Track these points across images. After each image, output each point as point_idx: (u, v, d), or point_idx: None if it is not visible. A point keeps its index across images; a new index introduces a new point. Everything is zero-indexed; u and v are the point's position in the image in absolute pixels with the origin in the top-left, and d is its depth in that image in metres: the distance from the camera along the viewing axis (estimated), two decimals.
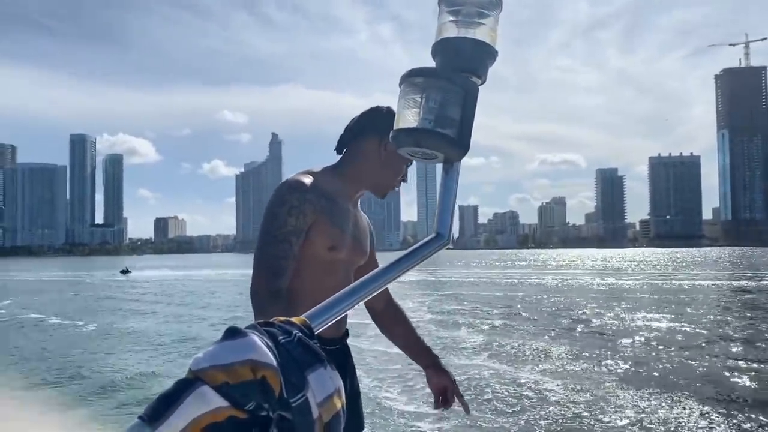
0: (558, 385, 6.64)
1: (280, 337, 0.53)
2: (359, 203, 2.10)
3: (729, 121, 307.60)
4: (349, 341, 1.99)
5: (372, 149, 1.89)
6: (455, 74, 0.90)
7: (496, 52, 0.93)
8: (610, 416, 5.44)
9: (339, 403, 0.53)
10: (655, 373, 7.14)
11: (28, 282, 36.85)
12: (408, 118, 0.90)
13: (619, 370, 7.36)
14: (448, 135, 0.87)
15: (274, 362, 0.50)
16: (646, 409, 5.66)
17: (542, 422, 5.30)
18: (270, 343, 0.51)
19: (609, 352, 8.52)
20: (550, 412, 5.61)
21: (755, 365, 7.74)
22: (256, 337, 0.51)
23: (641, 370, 7.32)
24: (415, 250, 0.84)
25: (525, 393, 6.27)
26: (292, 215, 1.74)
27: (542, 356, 8.33)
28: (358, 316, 2.13)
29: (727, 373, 7.25)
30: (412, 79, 0.91)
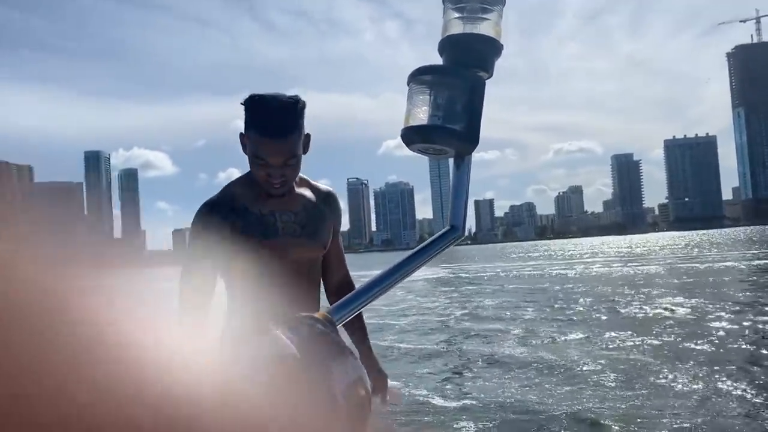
0: (608, 371, 6.24)
1: (303, 331, 0.54)
2: (305, 188, 1.97)
3: (744, 98, 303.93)
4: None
5: (243, 143, 1.84)
6: (462, 70, 0.90)
7: (502, 45, 0.94)
8: (670, 400, 5.05)
9: (362, 390, 0.56)
10: (702, 356, 6.73)
11: None
12: (417, 116, 0.90)
13: (667, 355, 6.95)
14: (457, 130, 0.88)
15: (298, 355, 0.51)
16: (702, 392, 5.26)
17: (596, 406, 4.92)
18: (294, 337, 0.53)
19: (652, 337, 8.11)
20: (603, 398, 5.23)
21: None
22: (280, 332, 0.53)
23: (688, 354, 6.91)
24: (430, 243, 0.84)
25: (572, 379, 5.90)
26: (197, 238, 1.83)
27: (584, 344, 7.93)
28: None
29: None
30: (420, 77, 0.91)
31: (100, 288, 0.26)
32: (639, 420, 4.81)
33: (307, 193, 1.94)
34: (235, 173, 2.03)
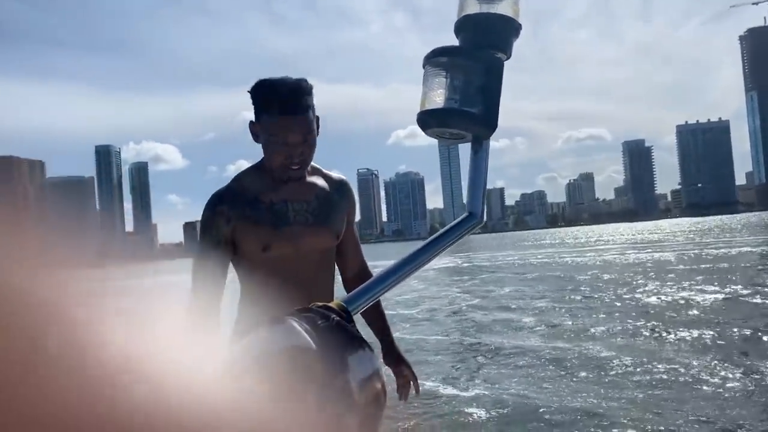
0: (626, 359, 6.20)
1: (319, 322, 0.54)
2: (317, 177, 1.93)
3: (757, 81, 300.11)
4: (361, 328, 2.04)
5: (254, 131, 1.83)
6: (479, 51, 0.88)
7: (520, 25, 0.91)
8: (687, 389, 5.01)
9: (379, 384, 0.55)
10: (722, 341, 6.67)
11: None
12: (433, 99, 0.88)
13: (686, 342, 6.89)
14: (475, 113, 0.86)
15: (314, 346, 0.51)
16: (725, 377, 5.21)
17: (611, 395, 4.89)
18: (309, 328, 0.52)
19: (669, 325, 8.05)
20: (619, 386, 5.19)
21: None
22: (295, 323, 0.52)
23: (708, 340, 6.85)
24: (448, 230, 0.83)
25: (586, 367, 5.86)
26: (206, 231, 1.80)
27: (601, 333, 7.88)
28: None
29: None
30: (436, 59, 0.89)
31: (108, 287, 0.26)
32: (656, 410, 4.77)
33: (319, 181, 1.91)
34: (245, 165, 2.00)
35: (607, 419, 4.60)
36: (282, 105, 1.74)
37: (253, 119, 1.81)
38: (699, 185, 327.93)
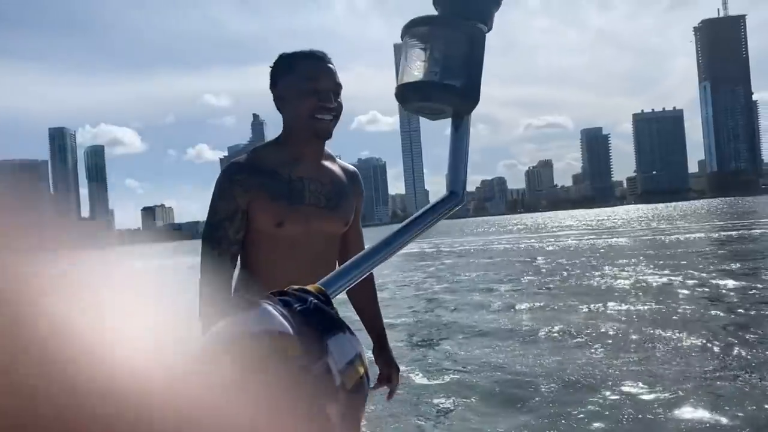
0: (589, 348, 6.36)
1: (296, 305, 0.53)
2: (332, 163, 1.92)
3: (710, 72, 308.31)
4: (343, 312, 2.03)
5: (279, 95, 1.81)
6: (460, 21, 0.84)
7: None
8: (652, 363, 5.18)
9: (362, 368, 0.54)
10: (673, 318, 6.89)
11: None
12: (412, 72, 0.83)
13: (647, 320, 7.10)
14: (456, 86, 0.82)
15: (291, 330, 0.49)
16: (673, 349, 5.40)
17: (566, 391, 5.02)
18: (285, 312, 0.51)
19: (629, 305, 8.28)
20: (579, 377, 5.32)
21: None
22: (270, 307, 0.51)
23: (665, 319, 7.07)
24: (428, 210, 0.80)
25: (551, 362, 5.99)
26: (222, 200, 1.74)
27: (563, 322, 8.05)
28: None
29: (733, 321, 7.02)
30: (415, 29, 0.84)
31: (65, 274, 0.28)
32: (622, 382, 4.92)
33: (335, 168, 1.91)
34: (206, 149, 1.96)
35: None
36: (313, 53, 1.76)
37: (275, 90, 1.81)
38: (653, 173, 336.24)
